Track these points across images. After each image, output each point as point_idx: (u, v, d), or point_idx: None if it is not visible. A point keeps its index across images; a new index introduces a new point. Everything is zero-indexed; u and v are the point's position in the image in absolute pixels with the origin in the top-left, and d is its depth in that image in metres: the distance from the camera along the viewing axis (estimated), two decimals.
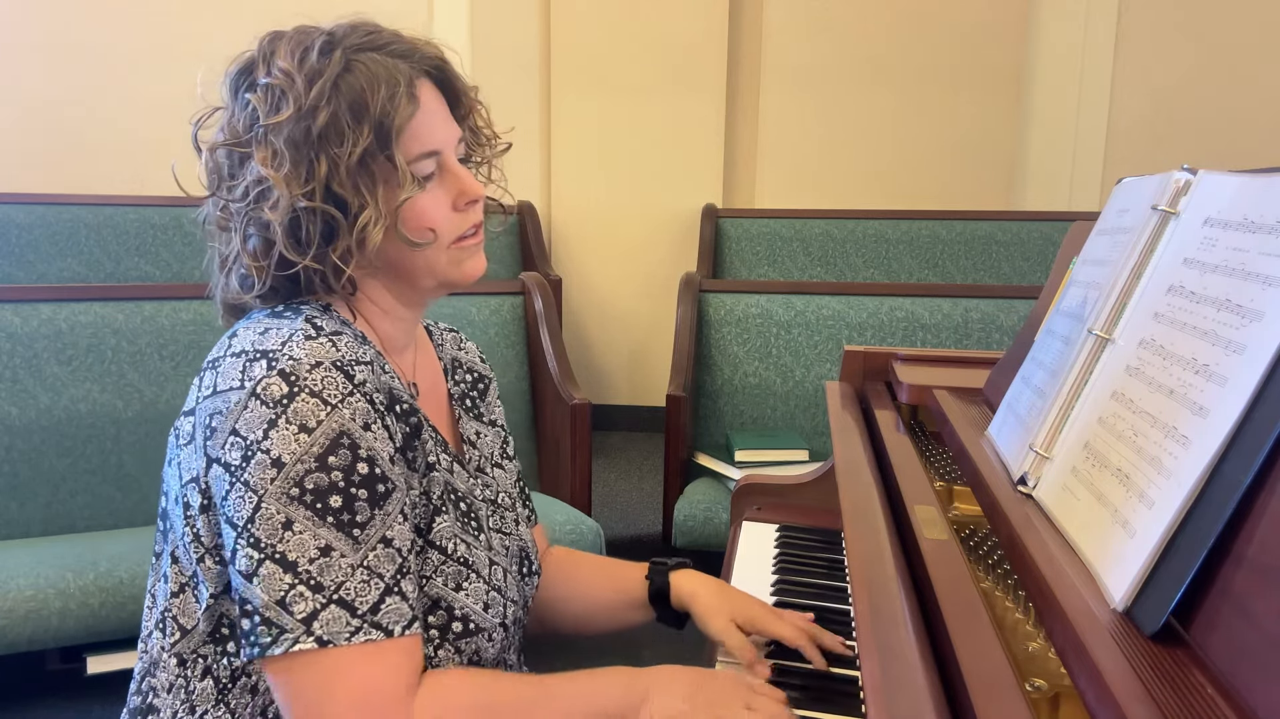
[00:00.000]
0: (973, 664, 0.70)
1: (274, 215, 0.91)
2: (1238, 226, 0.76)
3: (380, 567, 0.87)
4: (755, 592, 1.32)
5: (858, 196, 4.29)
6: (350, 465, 0.87)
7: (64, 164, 4.00)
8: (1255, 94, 4.11)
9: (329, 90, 0.91)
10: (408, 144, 0.94)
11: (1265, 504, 0.61)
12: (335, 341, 0.91)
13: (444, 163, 0.99)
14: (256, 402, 0.87)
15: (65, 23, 4.00)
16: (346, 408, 0.88)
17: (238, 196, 0.94)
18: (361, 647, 0.85)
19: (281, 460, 0.85)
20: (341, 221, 0.92)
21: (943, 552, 0.91)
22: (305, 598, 0.85)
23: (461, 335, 1.24)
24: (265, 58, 0.95)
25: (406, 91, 0.94)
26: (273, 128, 0.91)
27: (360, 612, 0.86)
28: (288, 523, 0.85)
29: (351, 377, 0.89)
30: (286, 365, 0.87)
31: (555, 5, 4.23)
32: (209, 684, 0.95)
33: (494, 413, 1.22)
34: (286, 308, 0.97)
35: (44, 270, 3.52)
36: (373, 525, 0.88)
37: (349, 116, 0.91)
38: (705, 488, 2.66)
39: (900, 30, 4.22)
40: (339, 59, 0.93)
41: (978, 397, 1.33)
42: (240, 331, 0.94)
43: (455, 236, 1.00)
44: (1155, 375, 0.78)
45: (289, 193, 0.90)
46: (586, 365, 4.39)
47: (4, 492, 2.27)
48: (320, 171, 0.91)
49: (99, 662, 2.09)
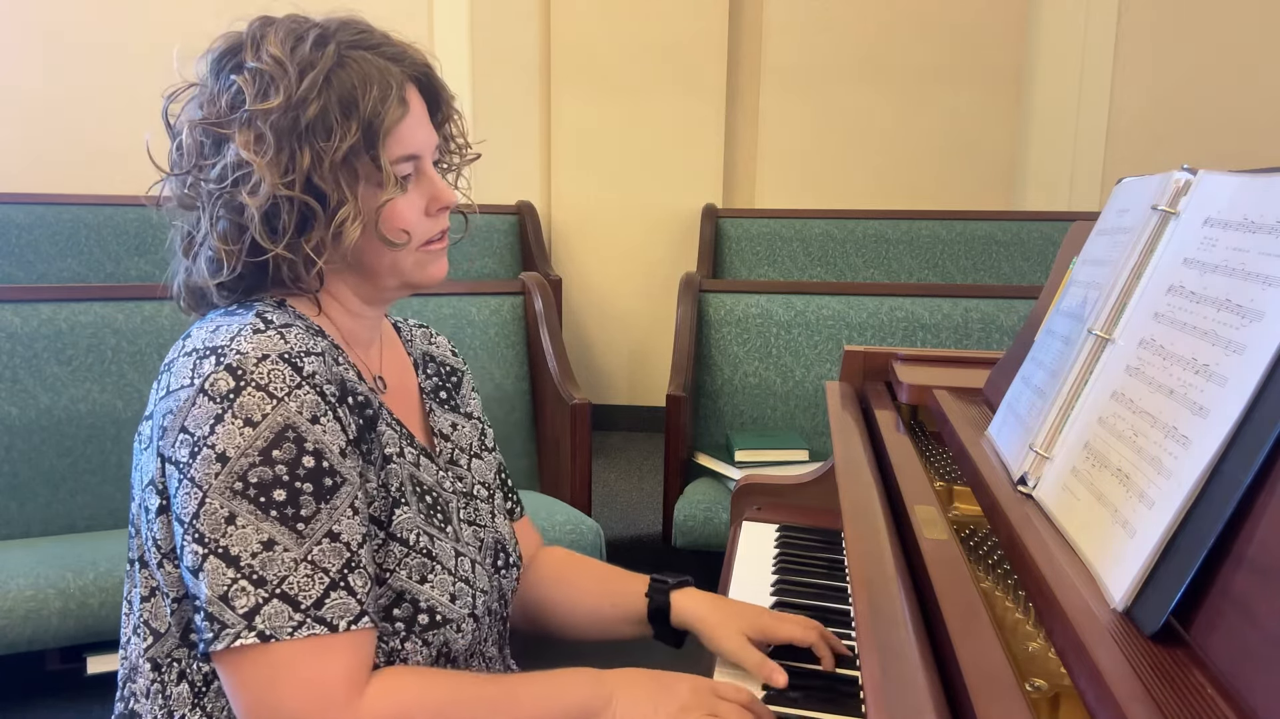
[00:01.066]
0: (973, 664, 0.70)
1: (252, 200, 0.91)
2: (1238, 227, 0.76)
3: (325, 561, 0.87)
4: (755, 592, 1.32)
5: (858, 196, 4.29)
6: (295, 459, 0.87)
7: (64, 164, 3.99)
8: (1255, 94, 4.11)
9: (321, 83, 0.92)
10: (392, 146, 0.95)
11: (1265, 504, 0.61)
12: (284, 334, 0.91)
13: (421, 167, 1.00)
14: (204, 398, 0.87)
15: (65, 23, 4.00)
16: (293, 400, 0.88)
17: (213, 178, 0.93)
18: (305, 641, 0.85)
19: (226, 455, 0.85)
20: (319, 213, 0.92)
21: (943, 552, 0.91)
22: (247, 592, 0.84)
23: (431, 331, 1.24)
24: (254, 42, 0.94)
25: (398, 94, 0.95)
26: (259, 113, 0.91)
27: (303, 606, 0.85)
28: (230, 517, 0.85)
29: (300, 369, 0.89)
30: (233, 360, 0.88)
31: (555, 5, 4.23)
32: (185, 689, 0.95)
33: (470, 405, 1.21)
34: (240, 305, 0.97)
35: (44, 270, 3.51)
36: (318, 519, 0.87)
37: (339, 112, 0.92)
38: (705, 488, 2.66)
39: (900, 30, 4.22)
40: (332, 53, 0.93)
41: (978, 397, 1.33)
42: (194, 332, 0.94)
43: (424, 240, 1.00)
44: (1155, 375, 0.78)
45: (270, 179, 0.90)
46: (586, 365, 4.39)
47: (4, 492, 2.27)
48: (303, 163, 0.91)
49: (99, 662, 2.09)
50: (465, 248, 3.94)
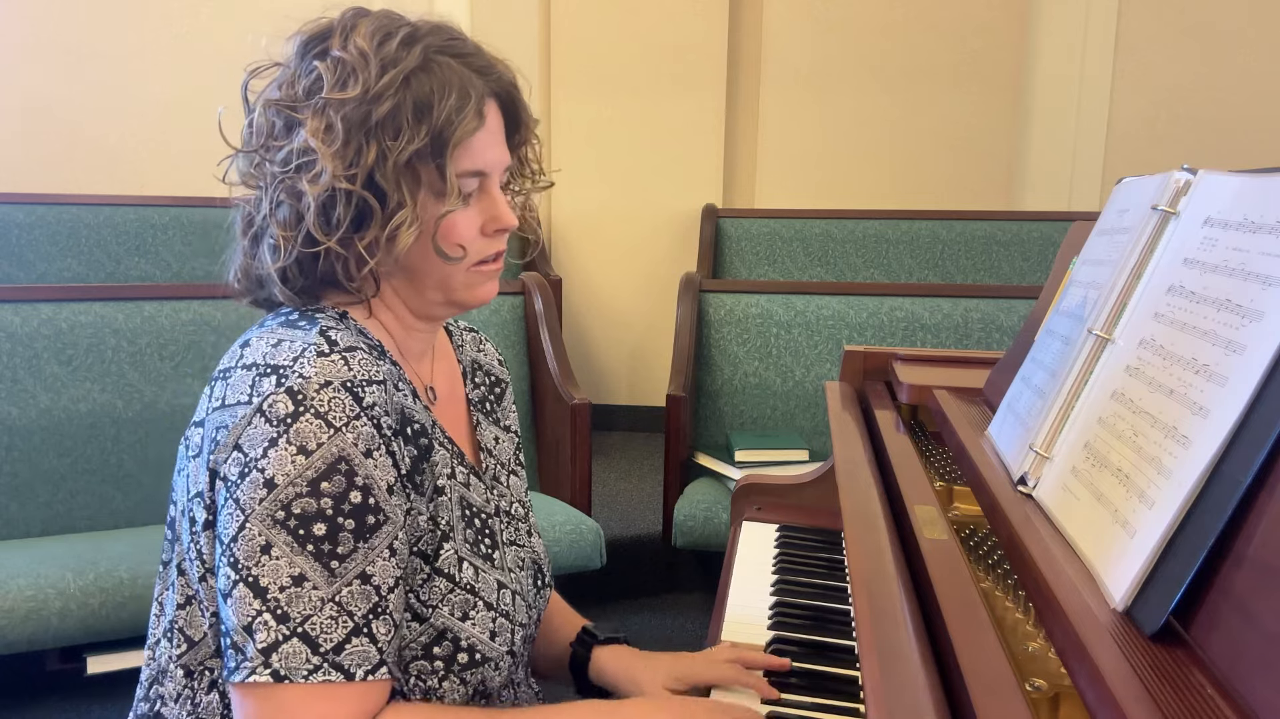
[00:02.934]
0: (973, 664, 0.70)
1: (311, 189, 0.89)
2: (1238, 227, 0.76)
3: (352, 604, 0.85)
4: (755, 592, 1.32)
5: (858, 196, 4.29)
6: (343, 493, 0.85)
7: (64, 164, 4.00)
8: (1255, 94, 4.11)
9: (400, 82, 0.90)
10: (460, 158, 0.93)
11: (1265, 504, 0.61)
12: (349, 359, 0.89)
13: (486, 185, 0.97)
14: (261, 418, 0.85)
15: (65, 23, 4.00)
16: (350, 432, 0.86)
17: (279, 160, 0.91)
18: (318, 686, 0.83)
19: (274, 481, 0.84)
20: (376, 212, 0.90)
21: (943, 552, 0.91)
22: (269, 627, 0.83)
23: (481, 336, 1.22)
24: (344, 31, 0.93)
25: (475, 107, 0.93)
26: (333, 102, 0.89)
27: (323, 649, 0.84)
28: (267, 546, 0.84)
29: (360, 399, 0.87)
30: (295, 383, 0.86)
31: (555, 5, 4.23)
32: (215, 698, 0.94)
33: (509, 418, 1.19)
34: (302, 316, 0.94)
35: (44, 270, 3.51)
36: (353, 559, 0.85)
37: (411, 114, 0.90)
38: (705, 488, 2.66)
39: (900, 30, 4.22)
40: (418, 54, 0.91)
41: (978, 397, 1.33)
42: (253, 341, 0.92)
43: (478, 259, 0.98)
44: (1155, 375, 0.78)
45: (332, 170, 0.88)
46: (586, 365, 4.39)
47: (4, 492, 2.27)
48: (368, 158, 0.89)
49: (99, 662, 2.09)
50: None
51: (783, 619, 1.23)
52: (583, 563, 2.37)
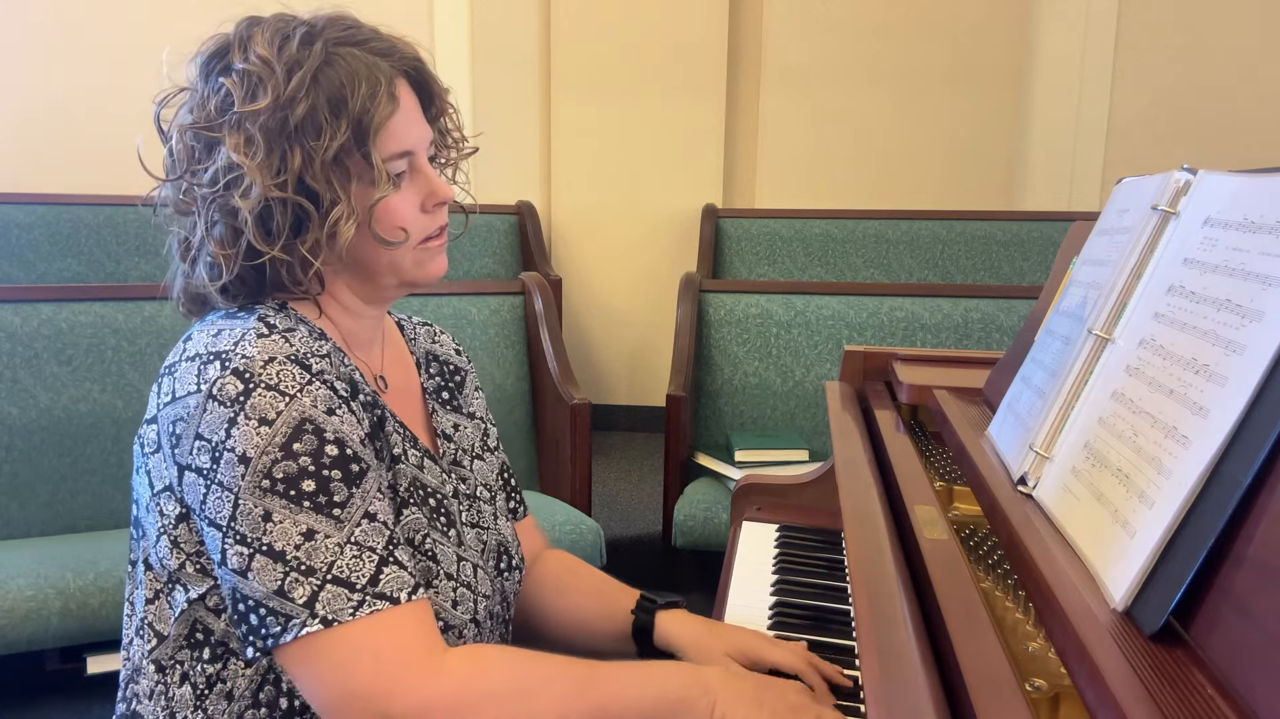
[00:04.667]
0: (973, 664, 0.70)
1: (244, 203, 0.90)
2: (1238, 227, 0.76)
3: (369, 540, 0.87)
4: (755, 592, 1.32)
5: (857, 196, 4.29)
6: (318, 449, 0.86)
7: (64, 164, 3.99)
8: (1255, 94, 4.11)
9: (309, 82, 0.91)
10: (383, 143, 0.94)
11: (1265, 504, 0.61)
12: (288, 338, 0.91)
13: (415, 163, 0.99)
14: (214, 403, 0.86)
15: (66, 23, 4.00)
16: (306, 395, 0.87)
17: (206, 182, 0.92)
18: (370, 619, 0.85)
19: (247, 455, 0.85)
20: (313, 214, 0.92)
21: (943, 552, 0.91)
22: (301, 583, 0.84)
23: (436, 328, 1.23)
24: (241, 43, 0.93)
25: (387, 90, 0.94)
26: (248, 115, 0.90)
27: (359, 585, 0.85)
28: (267, 514, 0.85)
29: (308, 367, 0.89)
30: (240, 364, 0.87)
31: (555, 5, 4.23)
32: (187, 690, 0.95)
33: (473, 404, 1.20)
34: (241, 309, 0.96)
35: (44, 270, 3.52)
36: (352, 503, 0.87)
37: (327, 110, 0.91)
38: (705, 488, 2.66)
39: (900, 30, 4.22)
40: (319, 51, 0.92)
41: (978, 397, 1.33)
42: (194, 335, 0.93)
43: (422, 237, 0.99)
44: (1155, 375, 0.78)
45: (261, 181, 0.89)
46: (586, 365, 4.39)
47: (4, 492, 2.27)
48: (294, 163, 0.90)
49: (99, 662, 2.09)
50: (465, 247, 3.94)
51: (783, 619, 1.23)
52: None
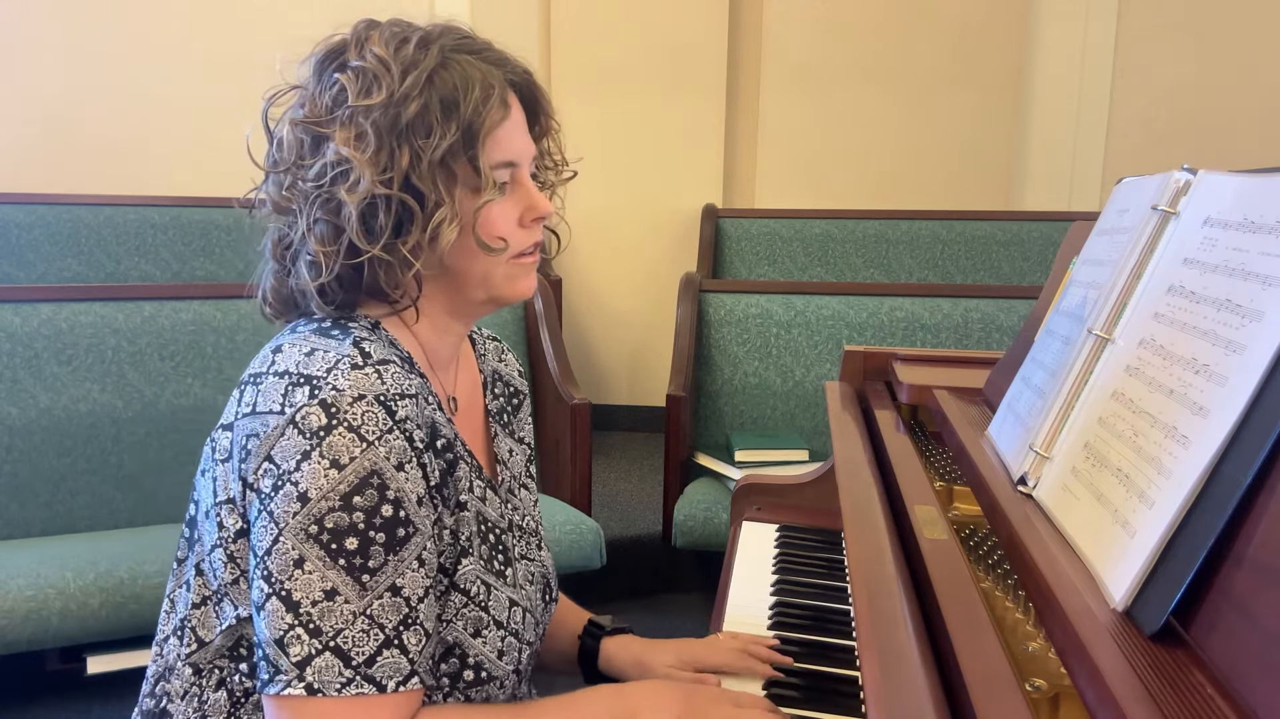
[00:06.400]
0: (973, 664, 0.70)
1: (350, 198, 0.89)
2: (1238, 227, 0.76)
3: (383, 616, 0.86)
4: (755, 592, 1.32)
5: (857, 196, 4.29)
6: (375, 507, 0.85)
7: (64, 164, 3.99)
8: (1255, 94, 4.11)
9: (423, 82, 0.90)
10: (491, 150, 0.93)
11: (1265, 504, 0.61)
12: (381, 373, 0.89)
13: (518, 176, 0.98)
14: (294, 430, 0.85)
15: (67, 23, 4.00)
16: (383, 445, 0.86)
17: (312, 176, 0.91)
18: (351, 699, 0.84)
19: (308, 495, 0.84)
20: (416, 214, 0.90)
21: (943, 552, 0.91)
22: (302, 640, 0.83)
23: (504, 345, 1.22)
24: (359, 43, 0.94)
25: (500, 97, 0.94)
26: (361, 110, 0.89)
27: (355, 663, 0.84)
28: (300, 561, 0.84)
29: (393, 413, 0.87)
30: (329, 395, 0.86)
31: (555, 5, 4.23)
32: (223, 696, 0.94)
33: (524, 429, 1.19)
34: (335, 325, 0.94)
35: (44, 270, 3.51)
36: (384, 572, 0.86)
37: (439, 111, 0.90)
38: (705, 488, 2.66)
39: (900, 30, 4.22)
40: (435, 54, 0.92)
41: (978, 397, 1.33)
42: (285, 348, 0.91)
43: (518, 250, 0.98)
44: (1155, 375, 0.78)
45: (369, 176, 0.88)
46: (586, 365, 4.39)
47: (4, 492, 2.27)
48: (402, 161, 0.89)
49: (99, 662, 2.09)
50: None
51: (783, 619, 1.23)
52: (583, 563, 2.37)
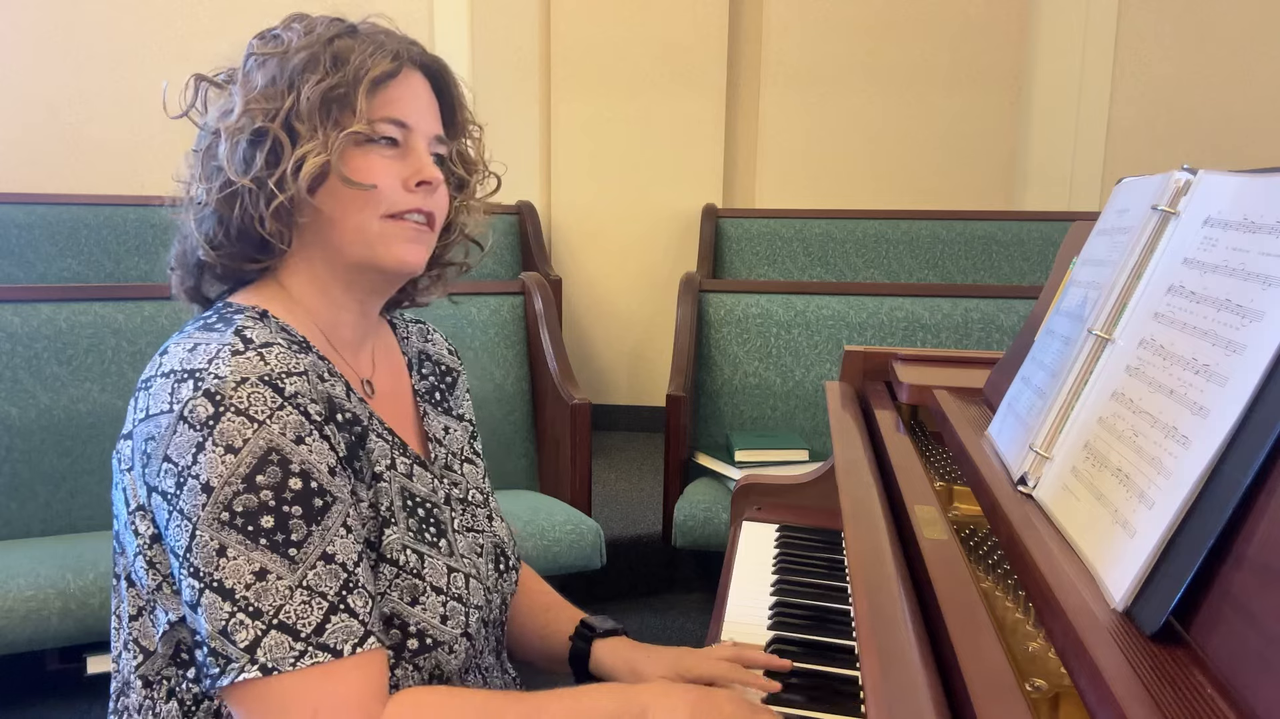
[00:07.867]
0: (973, 664, 0.70)
1: (226, 127, 0.94)
2: (1238, 227, 0.76)
3: (321, 585, 0.85)
4: (755, 592, 1.32)
5: (858, 196, 4.29)
6: (281, 482, 0.85)
7: (64, 164, 4.00)
8: (1255, 94, 4.11)
9: (321, 41, 0.96)
10: (378, 103, 0.96)
11: (1265, 504, 0.61)
12: (264, 355, 0.89)
13: (410, 140, 0.99)
14: (184, 425, 0.85)
15: (65, 23, 4.00)
16: (275, 423, 0.86)
17: (207, 123, 0.98)
18: (309, 670, 0.83)
19: (210, 485, 0.84)
20: (287, 147, 0.94)
21: (943, 552, 0.91)
22: (246, 625, 0.83)
23: (429, 326, 1.22)
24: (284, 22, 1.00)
25: (390, 53, 0.97)
26: (257, 58, 0.96)
27: (303, 634, 0.84)
28: (221, 549, 0.83)
29: (281, 390, 0.87)
30: (212, 385, 0.86)
31: (555, 5, 4.23)
32: (174, 706, 0.94)
33: (462, 407, 1.19)
34: (220, 318, 0.94)
35: (44, 270, 3.51)
36: (310, 543, 0.85)
37: (329, 60, 0.95)
38: (705, 488, 2.66)
39: (900, 30, 4.22)
40: (345, 27, 0.99)
41: (978, 397, 1.33)
42: (171, 348, 0.92)
43: (394, 209, 0.97)
44: (1155, 375, 0.78)
45: (249, 111, 0.93)
46: (586, 365, 4.39)
47: (4, 492, 2.27)
48: (285, 103, 0.94)
49: (99, 662, 2.09)
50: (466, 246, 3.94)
51: (783, 619, 1.23)
52: (583, 563, 2.37)
